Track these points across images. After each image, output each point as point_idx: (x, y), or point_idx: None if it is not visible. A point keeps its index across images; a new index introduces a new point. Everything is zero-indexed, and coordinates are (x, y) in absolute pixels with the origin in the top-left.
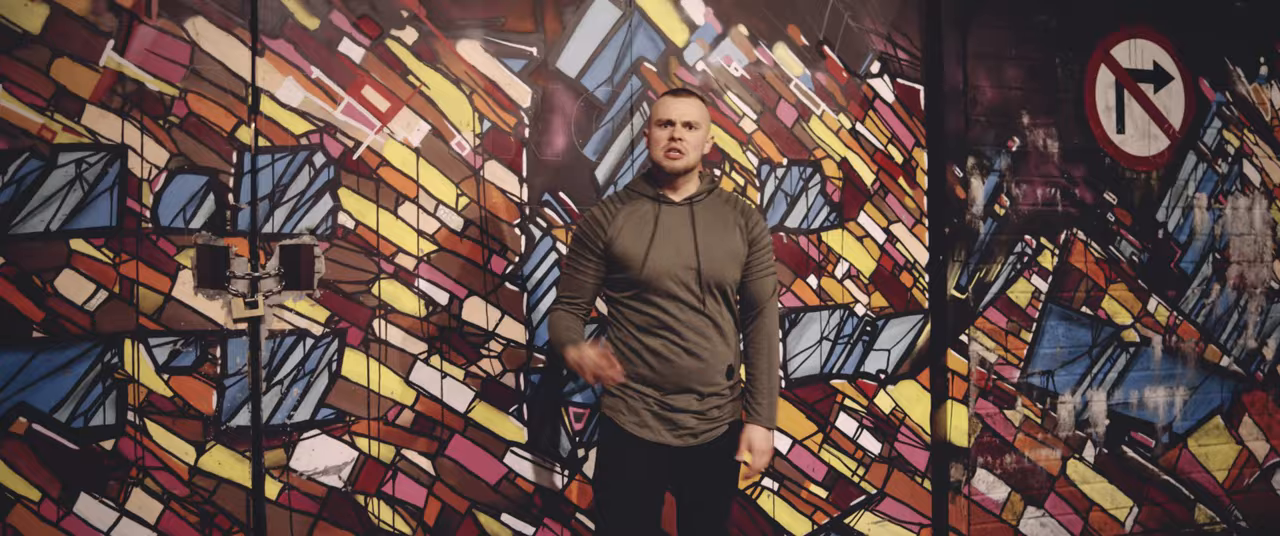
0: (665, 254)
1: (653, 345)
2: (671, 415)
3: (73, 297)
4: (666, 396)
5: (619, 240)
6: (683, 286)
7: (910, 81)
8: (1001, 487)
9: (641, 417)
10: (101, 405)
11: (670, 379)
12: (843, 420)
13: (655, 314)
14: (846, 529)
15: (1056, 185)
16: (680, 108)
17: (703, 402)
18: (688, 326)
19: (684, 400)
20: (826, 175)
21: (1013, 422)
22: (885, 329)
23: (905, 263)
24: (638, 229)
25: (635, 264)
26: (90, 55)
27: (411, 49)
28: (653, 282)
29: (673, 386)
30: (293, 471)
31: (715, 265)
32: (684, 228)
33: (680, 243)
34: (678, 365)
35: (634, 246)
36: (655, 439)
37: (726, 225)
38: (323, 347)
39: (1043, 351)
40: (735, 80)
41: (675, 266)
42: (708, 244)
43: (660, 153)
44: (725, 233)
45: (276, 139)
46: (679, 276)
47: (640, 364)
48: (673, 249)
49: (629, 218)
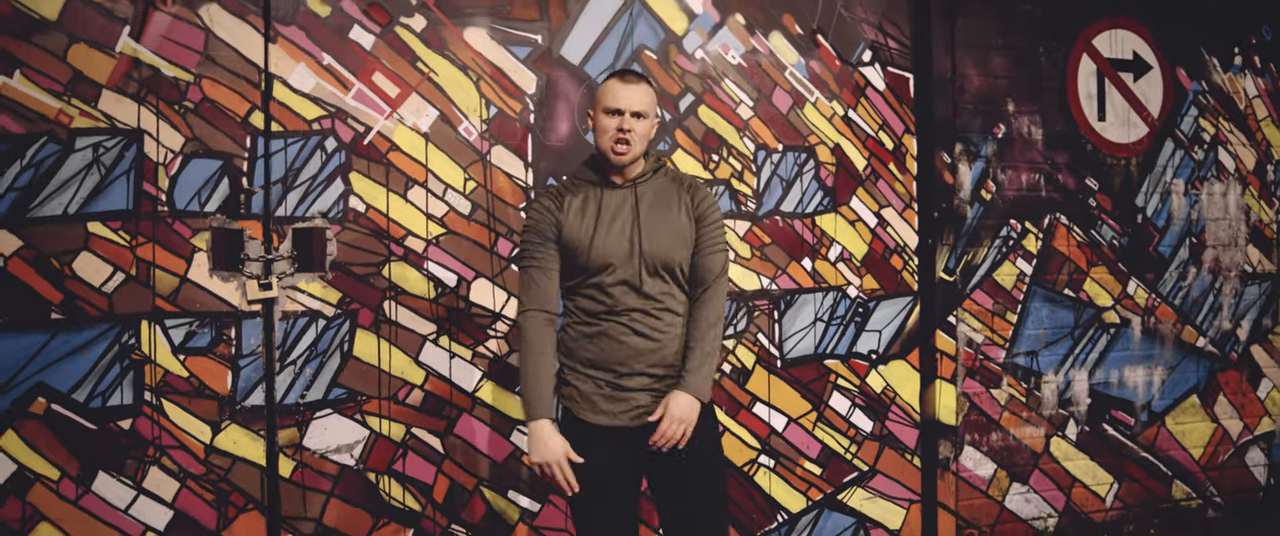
0: (609, 237)
1: (602, 329)
2: (623, 394)
3: (90, 280)
4: (619, 378)
5: (567, 226)
6: (628, 269)
7: (900, 70)
8: (988, 464)
9: (594, 403)
10: (119, 385)
11: (622, 361)
12: (836, 399)
13: (603, 298)
14: (840, 504)
15: (1040, 171)
16: (630, 96)
17: (659, 383)
18: (635, 309)
19: (637, 381)
20: (820, 160)
21: (999, 401)
22: (876, 310)
23: (895, 246)
24: (582, 215)
25: (582, 250)
26: (107, 41)
27: (420, 36)
28: (598, 267)
29: (626, 369)
30: (306, 449)
31: (659, 246)
32: (626, 210)
33: (623, 225)
34: (628, 345)
35: (580, 232)
36: (610, 423)
37: (671, 205)
38: (334, 328)
39: (1027, 332)
40: (732, 68)
41: (619, 250)
42: (651, 225)
43: (608, 143)
44: (669, 212)
45: (289, 124)
46: (623, 259)
47: (591, 348)
48: (617, 232)
49: (574, 204)
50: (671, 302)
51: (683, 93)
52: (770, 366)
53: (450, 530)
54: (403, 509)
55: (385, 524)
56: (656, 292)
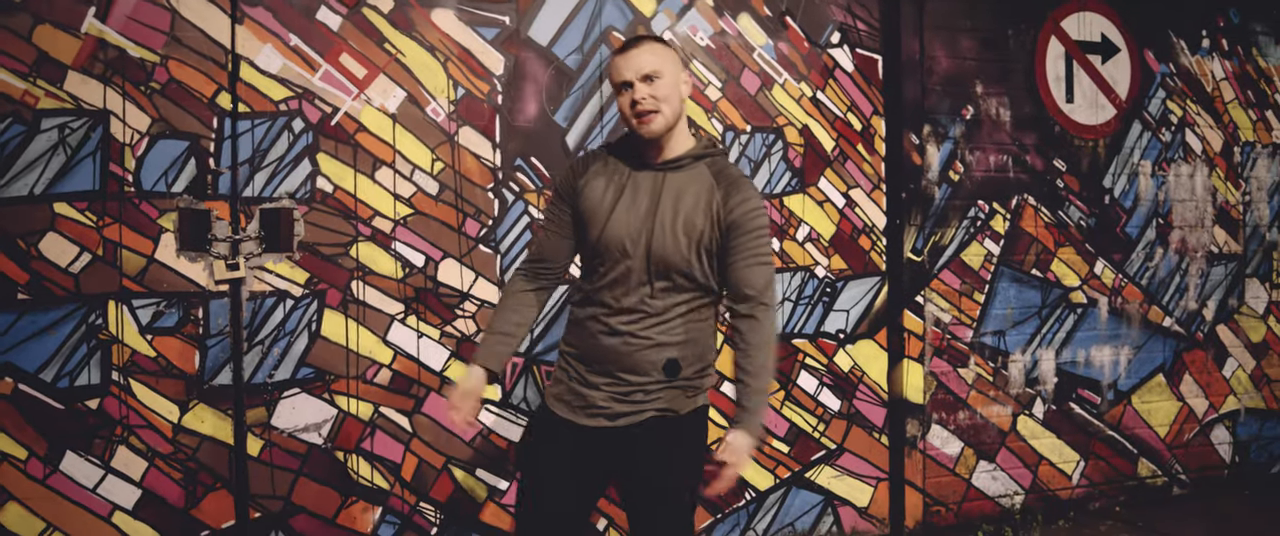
0: (622, 222)
1: (585, 316)
2: (587, 391)
3: (57, 260)
4: (588, 373)
5: (584, 197)
6: (628, 260)
7: (869, 51)
8: (955, 442)
9: (560, 392)
10: (86, 365)
11: (594, 355)
12: (804, 378)
13: (595, 284)
14: (807, 482)
15: (1008, 152)
16: (634, 62)
17: (624, 386)
18: (620, 305)
19: (603, 380)
20: (788, 142)
21: (966, 380)
22: (844, 290)
23: (863, 226)
24: (604, 189)
25: (594, 226)
26: (72, 22)
27: (387, 17)
28: (603, 251)
29: (596, 365)
30: (274, 429)
31: (666, 246)
32: (647, 198)
33: (640, 214)
34: (600, 343)
35: (596, 208)
36: (564, 415)
37: (696, 201)
38: (302, 308)
39: (994, 312)
40: (701, 49)
41: (625, 237)
42: (665, 219)
43: (631, 120)
44: (688, 213)
45: (256, 105)
46: (627, 249)
47: (574, 334)
48: (631, 219)
49: (599, 176)
50: (663, 307)
51: None
52: None
53: (418, 508)
54: (371, 487)
55: (353, 502)
56: (646, 293)
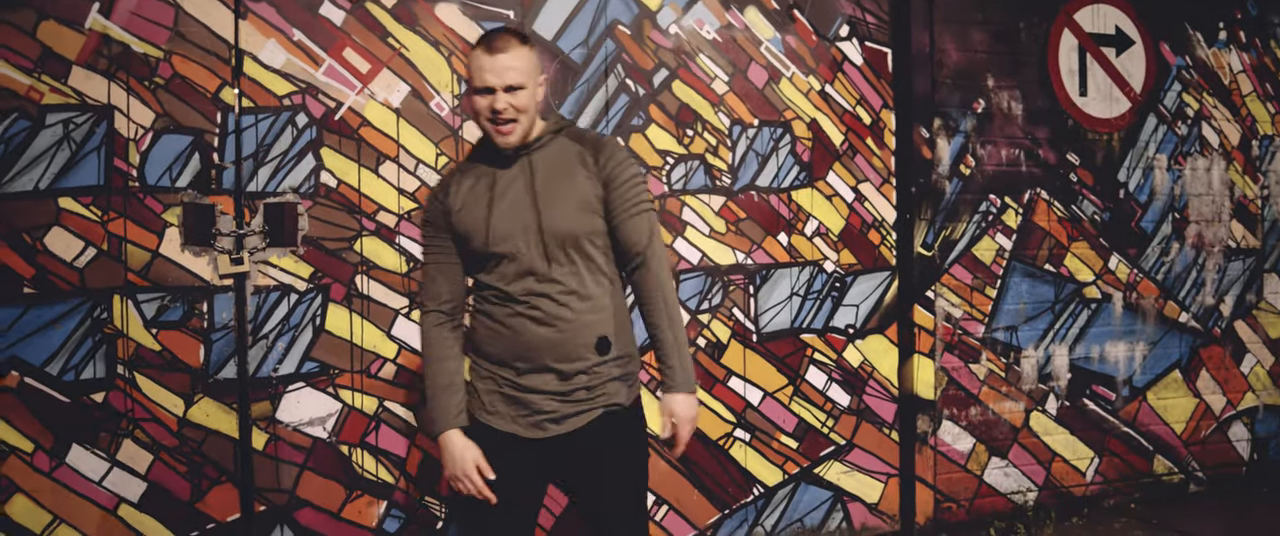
0: (503, 218)
1: (501, 317)
2: (524, 396)
3: (62, 254)
4: (520, 376)
5: (457, 214)
6: (527, 251)
7: (878, 45)
8: (967, 438)
9: (490, 402)
10: (92, 359)
11: (522, 355)
12: (812, 373)
13: (503, 286)
14: (816, 478)
15: (1020, 146)
16: (500, 71)
17: (565, 382)
18: (537, 293)
19: (541, 380)
20: (796, 135)
21: (977, 376)
22: (853, 285)
23: (873, 221)
24: (476, 198)
25: (475, 235)
26: (76, 17)
27: (391, 11)
28: (494, 252)
29: (527, 364)
30: (279, 422)
31: (558, 219)
32: (520, 185)
33: (517, 202)
34: (527, 337)
35: (472, 218)
36: (505, 428)
37: (570, 169)
38: (306, 303)
39: (1007, 307)
40: (707, 43)
41: (514, 230)
42: (549, 197)
43: (487, 127)
44: (569, 180)
45: (260, 100)
46: (520, 241)
47: (495, 344)
48: (509, 211)
49: (464, 188)
50: (581, 285)
51: (657, 68)
52: (746, 340)
53: (423, 502)
54: (376, 481)
55: (358, 495)
56: (561, 275)
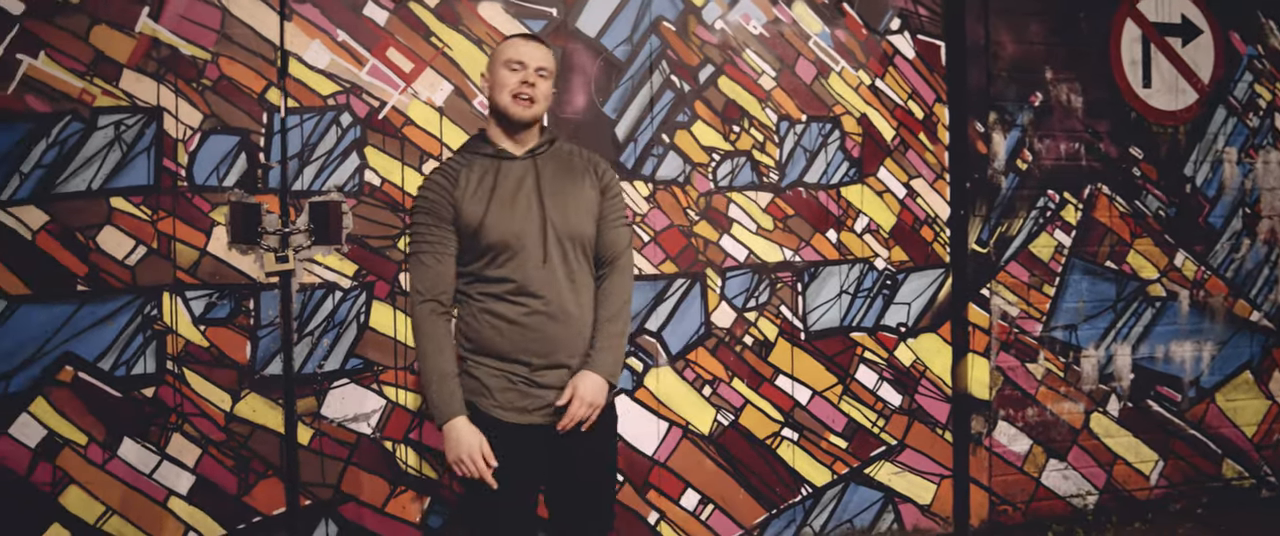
0: (514, 214)
1: (511, 314)
2: (537, 390)
3: (114, 253)
4: (534, 372)
5: (465, 205)
6: (537, 248)
7: (931, 37)
8: (1023, 440)
9: (505, 398)
10: (142, 354)
11: (540, 351)
12: (862, 372)
13: (513, 282)
14: (867, 478)
15: (1080, 140)
16: (534, 53)
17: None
18: (549, 288)
19: (554, 375)
20: (846, 131)
21: (1035, 376)
22: (905, 283)
23: (926, 217)
24: (480, 191)
25: (484, 229)
26: (127, 21)
27: (434, 11)
28: (503, 247)
29: (543, 360)
30: (323, 418)
31: (569, 219)
32: (528, 183)
33: (527, 200)
34: (542, 333)
35: (479, 211)
36: (521, 421)
37: (575, 176)
38: (351, 300)
39: (1066, 305)
40: (754, 38)
41: (526, 227)
42: (558, 198)
43: (507, 97)
44: (575, 184)
45: (305, 100)
46: (531, 237)
47: (505, 339)
48: (521, 207)
49: (470, 180)
50: (584, 282)
51: (702, 64)
52: (794, 339)
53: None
54: (420, 477)
55: (402, 491)
56: (569, 273)
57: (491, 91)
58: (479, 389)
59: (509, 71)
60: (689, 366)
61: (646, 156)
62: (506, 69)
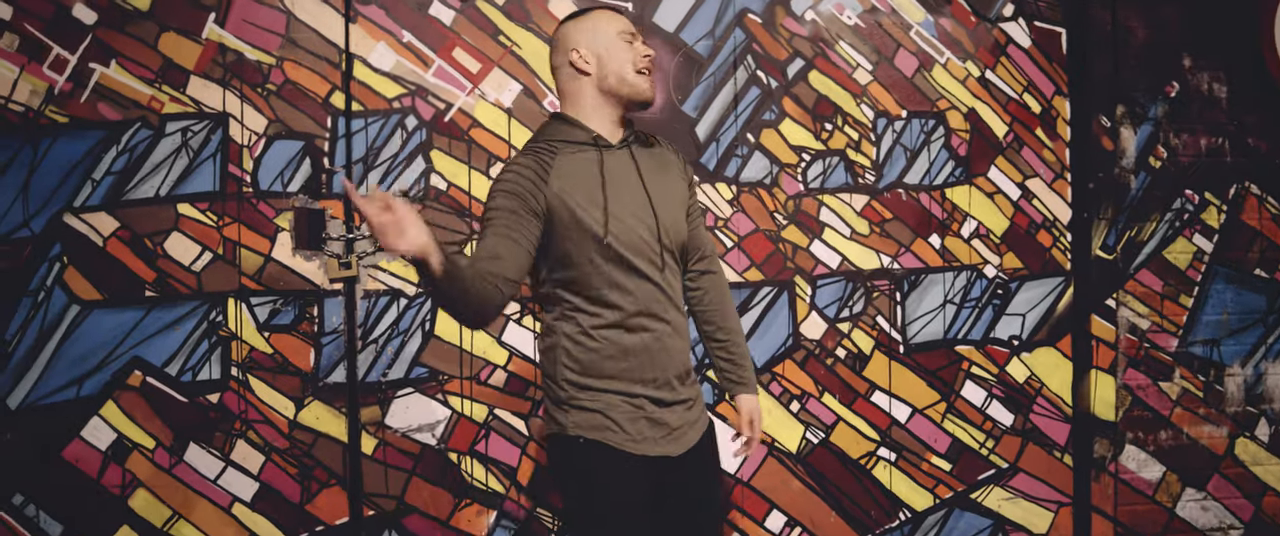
0: (625, 212)
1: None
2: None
3: (180, 259)
4: (659, 390)
5: (567, 199)
6: (652, 252)
7: (1050, 24)
8: (1155, 466)
9: (637, 429)
10: (207, 360)
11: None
12: (969, 389)
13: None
14: (973, 504)
15: (1224, 133)
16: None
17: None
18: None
19: (671, 393)
20: (951, 127)
21: (1169, 396)
22: (1019, 292)
23: (1043, 221)
24: (586, 183)
25: (598, 228)
26: (194, 28)
27: (502, 9)
28: (617, 252)
29: (659, 380)
30: (387, 428)
31: (673, 218)
32: (632, 176)
33: (634, 196)
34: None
35: (587, 206)
36: (654, 452)
37: (668, 167)
38: (416, 307)
39: (1206, 318)
40: (848, 29)
41: (640, 227)
42: (660, 194)
43: (630, 71)
44: (669, 177)
45: (369, 103)
46: (646, 240)
47: (627, 362)
48: (630, 205)
49: (567, 169)
50: (679, 288)
51: (791, 58)
52: (891, 352)
53: (536, 513)
54: (486, 490)
55: (468, 504)
56: (673, 280)
57: (599, 69)
58: (604, 423)
59: (624, 42)
60: (775, 380)
61: (730, 157)
62: (620, 41)
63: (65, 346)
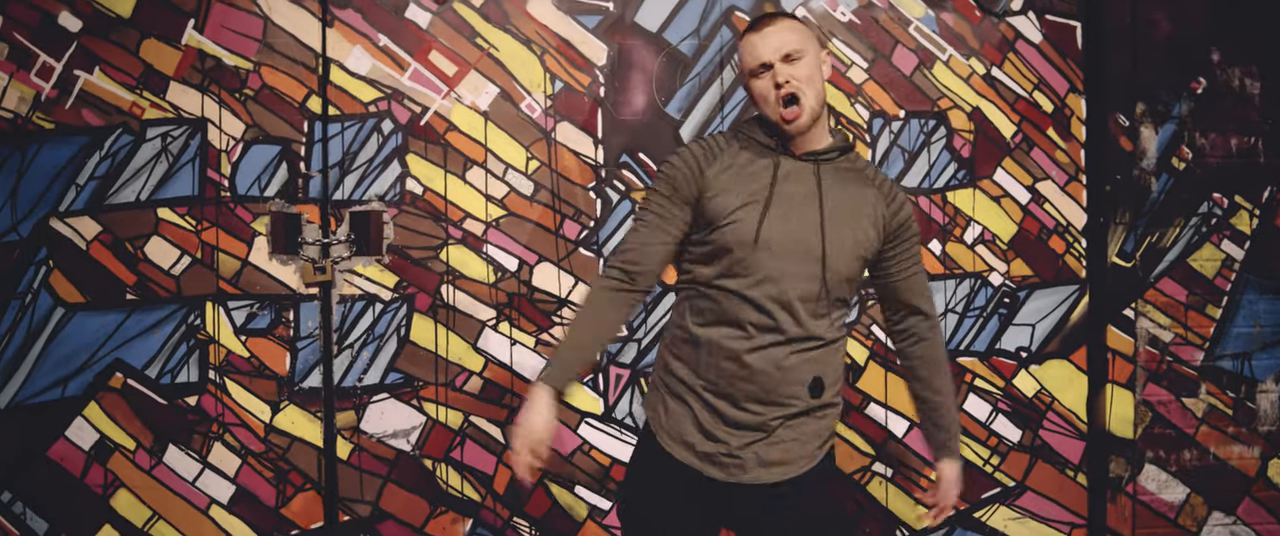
0: (785, 230)
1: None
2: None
3: (160, 263)
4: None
5: (720, 195)
6: (797, 280)
7: (1063, 17)
8: (1177, 487)
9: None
10: (186, 363)
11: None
12: (972, 402)
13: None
14: (977, 524)
15: (1257, 132)
16: (772, 40)
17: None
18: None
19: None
20: (954, 128)
21: (1193, 413)
22: (1028, 301)
23: (1055, 226)
24: (746, 184)
25: (743, 236)
26: (173, 34)
27: (479, 11)
28: (760, 267)
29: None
30: (363, 433)
31: (842, 261)
32: (809, 197)
33: (805, 218)
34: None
35: (739, 208)
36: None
37: (861, 206)
38: (392, 313)
39: (1236, 330)
40: (842, 26)
41: (795, 250)
42: (837, 228)
43: (773, 112)
44: (857, 216)
45: (346, 107)
46: (795, 266)
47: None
48: (795, 224)
49: (735, 165)
50: (829, 332)
51: None
52: (887, 363)
53: (512, 523)
54: (461, 498)
55: (443, 512)
56: (819, 317)
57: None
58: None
59: (757, 80)
60: None
61: None
62: (754, 78)
63: (51, 347)
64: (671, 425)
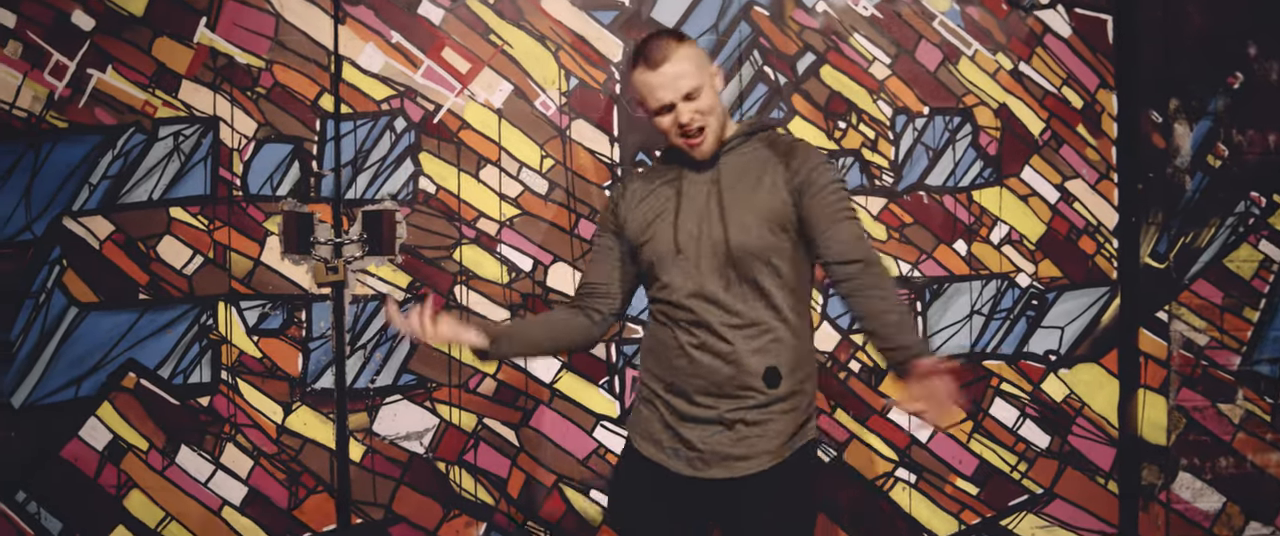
0: (689, 229)
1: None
2: (685, 427)
3: (173, 262)
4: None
5: (631, 218)
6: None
7: (1094, 11)
8: (1213, 496)
9: (650, 429)
10: (198, 363)
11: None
12: (999, 407)
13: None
14: (1003, 531)
15: None
16: (668, 80)
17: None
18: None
19: (702, 412)
20: (980, 124)
21: (1230, 419)
22: (1056, 303)
23: (1085, 225)
24: (654, 204)
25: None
26: (185, 32)
27: (493, 7)
28: (678, 269)
29: (688, 395)
30: (375, 435)
31: (746, 235)
32: (705, 194)
33: (701, 213)
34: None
35: (650, 225)
36: (659, 459)
37: (759, 177)
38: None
39: (1275, 334)
40: (864, 20)
41: (693, 243)
42: (733, 209)
43: (680, 143)
44: (754, 190)
45: (358, 105)
46: (690, 256)
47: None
48: (696, 221)
49: (641, 191)
50: (760, 313)
51: (801, 52)
52: None
53: (527, 527)
54: (475, 501)
55: (456, 515)
56: (733, 300)
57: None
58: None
59: (661, 118)
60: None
61: None
62: (656, 115)
63: (65, 347)
64: (642, 425)
